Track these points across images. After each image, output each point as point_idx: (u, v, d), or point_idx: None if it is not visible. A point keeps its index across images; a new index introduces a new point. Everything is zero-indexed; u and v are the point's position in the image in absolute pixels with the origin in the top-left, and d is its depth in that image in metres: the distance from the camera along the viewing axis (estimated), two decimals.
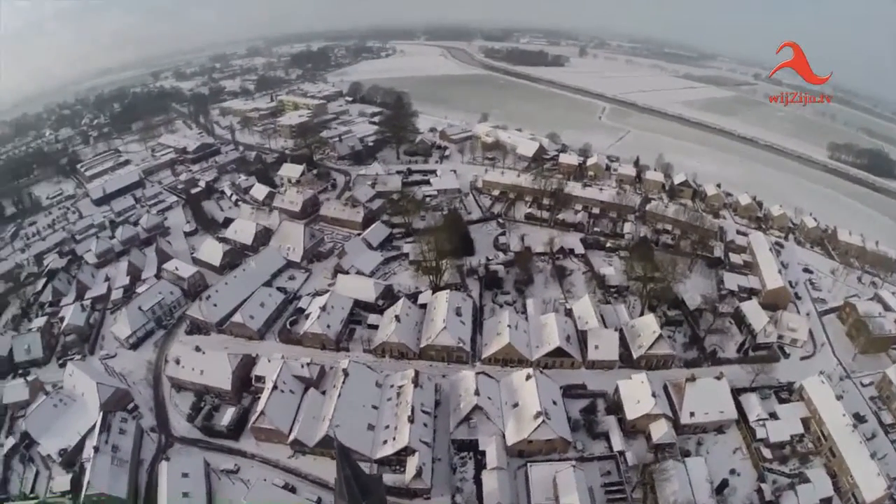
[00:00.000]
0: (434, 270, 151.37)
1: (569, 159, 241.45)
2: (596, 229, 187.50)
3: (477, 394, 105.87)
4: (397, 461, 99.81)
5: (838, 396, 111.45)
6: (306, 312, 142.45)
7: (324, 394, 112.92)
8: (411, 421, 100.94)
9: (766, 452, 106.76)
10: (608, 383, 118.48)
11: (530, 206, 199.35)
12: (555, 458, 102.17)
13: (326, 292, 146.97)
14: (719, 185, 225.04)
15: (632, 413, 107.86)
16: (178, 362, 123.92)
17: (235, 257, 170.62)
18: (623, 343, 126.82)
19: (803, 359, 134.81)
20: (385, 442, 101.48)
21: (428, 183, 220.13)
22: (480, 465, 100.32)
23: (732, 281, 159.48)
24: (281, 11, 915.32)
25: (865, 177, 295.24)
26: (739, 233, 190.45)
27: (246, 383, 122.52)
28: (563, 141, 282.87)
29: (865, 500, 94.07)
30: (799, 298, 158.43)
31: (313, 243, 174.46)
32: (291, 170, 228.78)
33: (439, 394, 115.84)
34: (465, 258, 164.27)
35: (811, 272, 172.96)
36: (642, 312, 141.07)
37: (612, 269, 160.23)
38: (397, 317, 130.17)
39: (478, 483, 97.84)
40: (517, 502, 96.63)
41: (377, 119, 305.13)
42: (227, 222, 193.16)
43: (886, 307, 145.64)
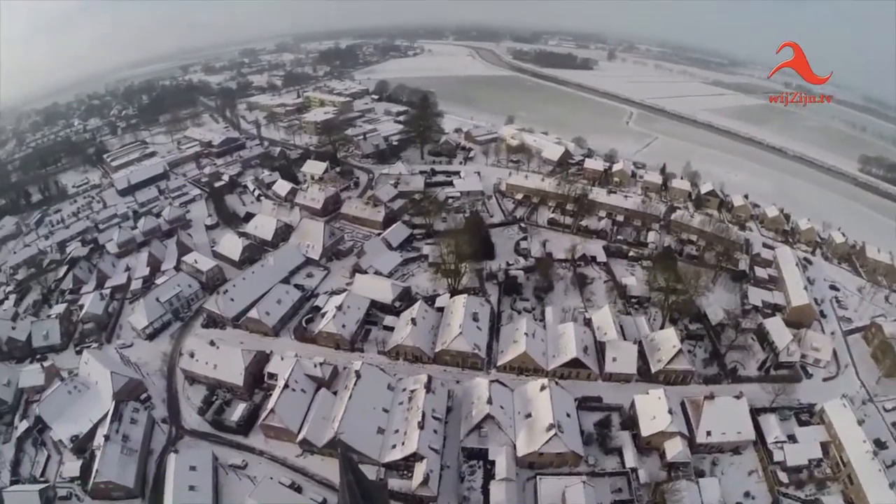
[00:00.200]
0: (453, 273, 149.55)
1: (594, 164, 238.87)
2: (619, 237, 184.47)
3: (490, 402, 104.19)
4: (405, 466, 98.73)
5: (860, 421, 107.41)
6: (322, 311, 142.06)
7: (335, 394, 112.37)
8: (421, 427, 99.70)
9: (783, 476, 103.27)
10: (624, 397, 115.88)
11: (553, 212, 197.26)
12: (565, 472, 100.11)
13: (343, 291, 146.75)
14: (746, 196, 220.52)
15: (647, 429, 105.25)
16: (192, 355, 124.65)
17: (255, 252, 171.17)
18: (642, 356, 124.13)
19: (826, 380, 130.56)
20: (394, 446, 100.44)
21: (451, 184, 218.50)
22: (489, 474, 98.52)
23: (757, 296, 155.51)
24: (312, 8, 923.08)
25: None
26: (766, 246, 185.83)
27: (258, 380, 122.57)
28: (589, 146, 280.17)
29: None
30: (824, 316, 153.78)
31: (333, 241, 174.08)
32: (314, 167, 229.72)
33: (452, 400, 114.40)
34: (485, 262, 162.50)
35: (837, 289, 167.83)
36: (663, 325, 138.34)
37: (634, 280, 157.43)
38: (413, 320, 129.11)
39: (485, 493, 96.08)
40: None
41: (402, 118, 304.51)
42: (249, 217, 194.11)
43: None
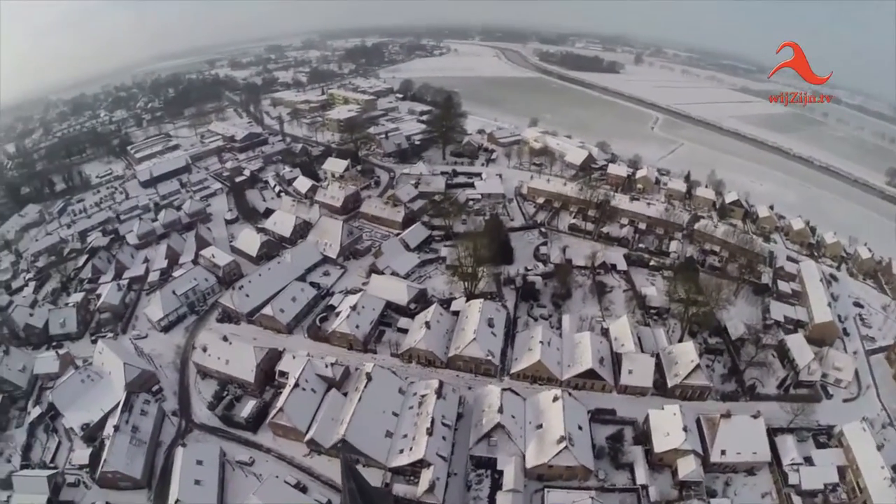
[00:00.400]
0: (470, 277, 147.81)
1: (618, 170, 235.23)
2: (641, 245, 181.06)
3: (501, 411, 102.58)
4: (412, 472, 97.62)
5: (879, 446, 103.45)
6: (337, 310, 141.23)
7: (345, 395, 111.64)
8: (430, 433, 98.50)
9: (797, 500, 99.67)
10: (639, 411, 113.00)
11: (575, 217, 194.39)
12: (574, 486, 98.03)
13: (359, 291, 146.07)
14: (772, 207, 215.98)
15: (660, 446, 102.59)
16: (205, 350, 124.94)
17: (272, 249, 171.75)
18: (658, 369, 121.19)
19: (846, 401, 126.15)
20: (401, 451, 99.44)
21: (472, 186, 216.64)
22: (497, 484, 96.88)
23: (779, 311, 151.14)
24: (341, 6, 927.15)
25: None
26: (790, 259, 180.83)
27: (270, 377, 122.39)
28: (612, 150, 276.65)
29: None
30: (847, 335, 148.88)
31: (351, 240, 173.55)
32: (336, 164, 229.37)
33: (462, 406, 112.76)
34: (504, 266, 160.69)
35: (862, 307, 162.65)
36: (682, 338, 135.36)
37: (654, 290, 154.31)
38: (427, 323, 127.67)
39: (491, 503, 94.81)
40: None
41: (426, 118, 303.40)
42: (268, 213, 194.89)
43: None
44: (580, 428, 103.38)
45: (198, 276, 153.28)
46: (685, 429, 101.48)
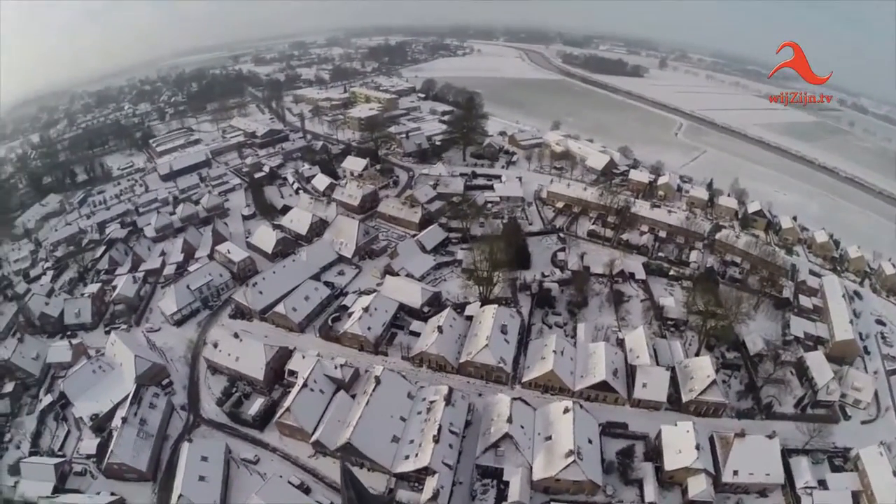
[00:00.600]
0: (486, 281, 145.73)
1: (639, 176, 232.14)
2: (660, 254, 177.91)
3: (510, 421, 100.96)
4: (416, 479, 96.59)
5: (895, 472, 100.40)
6: (349, 311, 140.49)
7: (353, 398, 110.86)
8: (436, 441, 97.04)
9: None
10: (651, 426, 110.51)
11: (594, 223, 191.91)
12: (581, 501, 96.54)
13: (373, 293, 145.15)
14: (795, 218, 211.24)
15: (671, 463, 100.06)
16: (215, 346, 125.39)
17: (288, 246, 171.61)
18: (673, 384, 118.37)
19: (864, 423, 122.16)
20: (407, 457, 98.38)
21: (491, 188, 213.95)
22: (502, 495, 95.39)
23: (799, 327, 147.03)
24: (366, 5, 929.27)
25: None
26: (812, 273, 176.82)
27: (279, 375, 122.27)
28: (634, 156, 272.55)
29: None
30: (868, 353, 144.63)
31: (367, 240, 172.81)
32: (355, 163, 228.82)
33: (471, 413, 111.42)
34: (520, 272, 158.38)
35: (884, 324, 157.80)
36: (699, 352, 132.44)
37: (673, 301, 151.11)
38: (440, 327, 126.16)
39: None
40: None
41: (447, 118, 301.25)
42: (286, 209, 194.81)
43: None
44: (590, 441, 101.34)
45: (212, 271, 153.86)
46: (698, 447, 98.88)
